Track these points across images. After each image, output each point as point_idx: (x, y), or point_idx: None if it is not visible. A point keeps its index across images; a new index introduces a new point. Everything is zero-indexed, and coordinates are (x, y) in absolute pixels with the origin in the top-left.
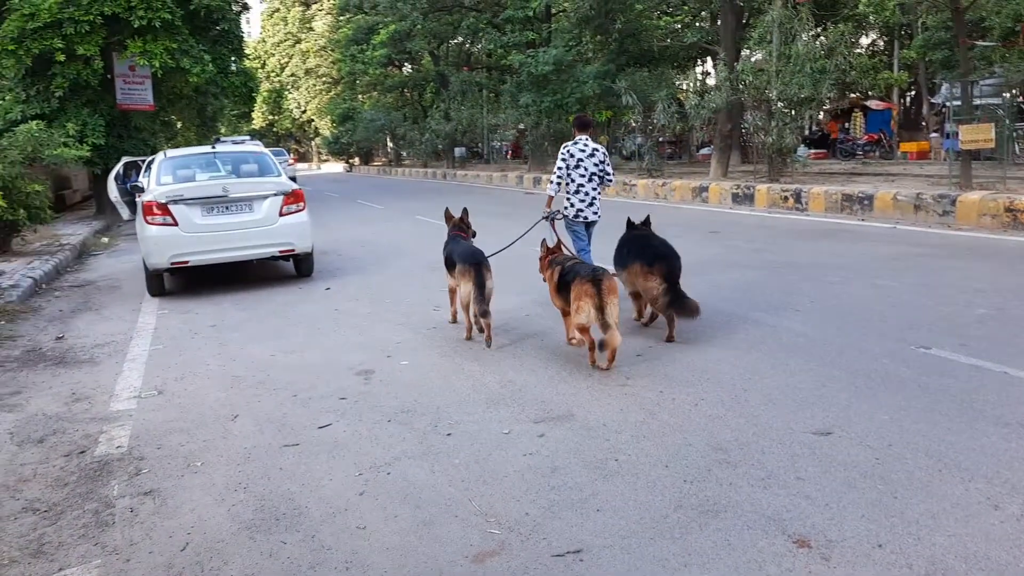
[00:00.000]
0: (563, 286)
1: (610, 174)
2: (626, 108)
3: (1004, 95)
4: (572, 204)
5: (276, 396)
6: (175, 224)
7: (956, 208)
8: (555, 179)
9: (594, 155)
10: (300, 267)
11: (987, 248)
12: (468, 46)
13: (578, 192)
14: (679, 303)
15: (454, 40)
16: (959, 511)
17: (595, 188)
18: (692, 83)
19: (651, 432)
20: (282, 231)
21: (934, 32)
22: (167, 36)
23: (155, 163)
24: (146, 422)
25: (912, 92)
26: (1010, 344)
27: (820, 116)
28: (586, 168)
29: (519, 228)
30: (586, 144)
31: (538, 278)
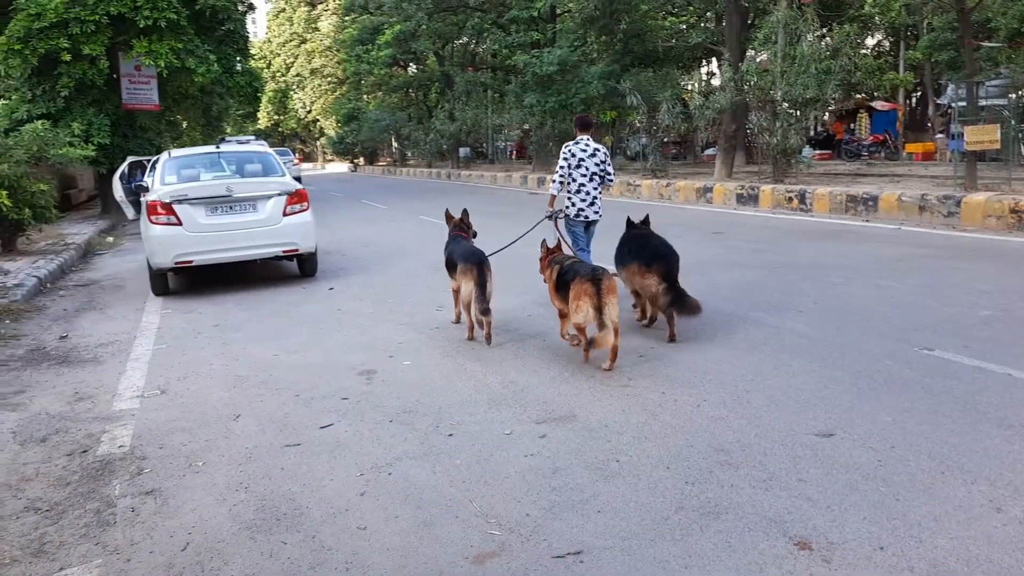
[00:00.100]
0: (562, 285)
1: (611, 174)
2: (630, 108)
3: (1010, 96)
4: (573, 204)
5: (278, 396)
6: (179, 224)
7: (961, 209)
8: (557, 178)
9: (595, 155)
10: (304, 267)
11: (992, 249)
12: (473, 46)
13: (579, 192)
14: (679, 302)
15: (459, 40)
16: (961, 513)
17: (596, 188)
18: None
19: (653, 433)
20: (286, 231)
21: (940, 33)
22: (172, 36)
23: (159, 163)
24: (148, 421)
25: (918, 93)
26: (1014, 346)
27: (825, 117)
28: (587, 168)
29: (521, 228)
30: (588, 144)
31: (539, 278)
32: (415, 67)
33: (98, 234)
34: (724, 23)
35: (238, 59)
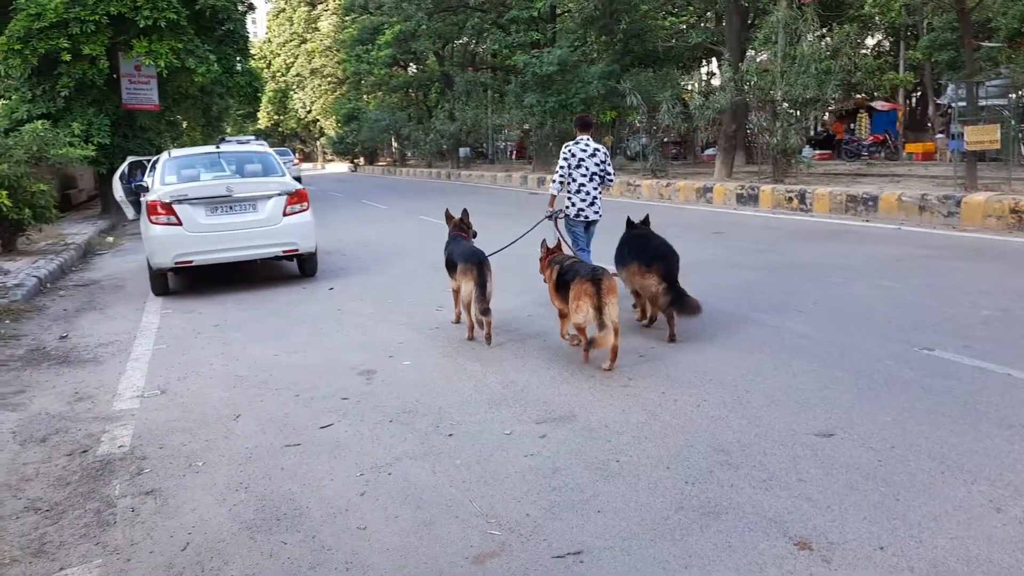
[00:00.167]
0: (562, 285)
1: (611, 174)
2: (631, 108)
3: (1010, 96)
4: (573, 203)
5: (278, 396)
6: (179, 224)
7: (961, 209)
8: (558, 178)
9: (595, 155)
10: (304, 267)
11: (992, 249)
12: (473, 46)
13: (579, 191)
14: (679, 302)
15: (459, 40)
16: (961, 513)
17: (596, 188)
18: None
19: (653, 433)
20: (286, 231)
21: (940, 33)
22: (172, 36)
23: (159, 163)
24: (148, 421)
25: (918, 93)
26: (1015, 346)
27: (825, 117)
28: (587, 168)
29: (521, 229)
30: (587, 144)
31: (540, 278)
32: (415, 67)
33: (98, 234)
34: (724, 23)
35: (238, 59)
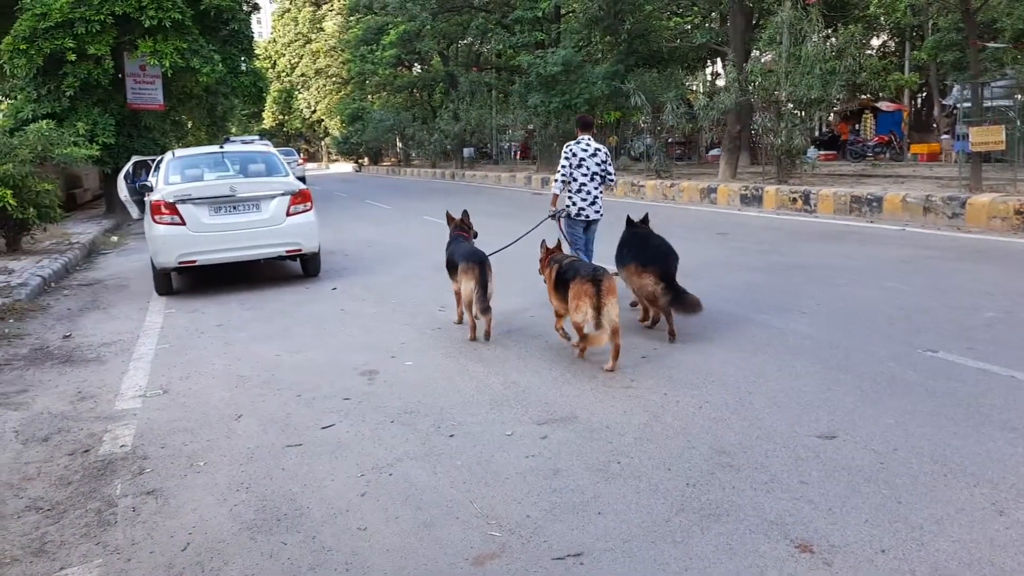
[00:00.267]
0: (561, 284)
1: (612, 174)
2: (635, 109)
3: (1015, 97)
4: (574, 203)
5: (280, 396)
6: (183, 223)
7: (966, 210)
8: (559, 178)
9: (596, 154)
10: (307, 267)
11: (996, 251)
12: (477, 47)
13: (580, 191)
14: (679, 300)
15: (463, 41)
16: (964, 516)
17: (597, 187)
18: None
19: (654, 435)
20: (289, 231)
21: (945, 33)
22: (177, 36)
23: (163, 162)
24: (150, 421)
25: (923, 94)
26: (1019, 348)
27: (830, 117)
28: (588, 167)
29: (523, 229)
30: (588, 144)
31: (542, 279)
32: (419, 67)
33: (103, 233)
34: (729, 23)
35: (243, 59)
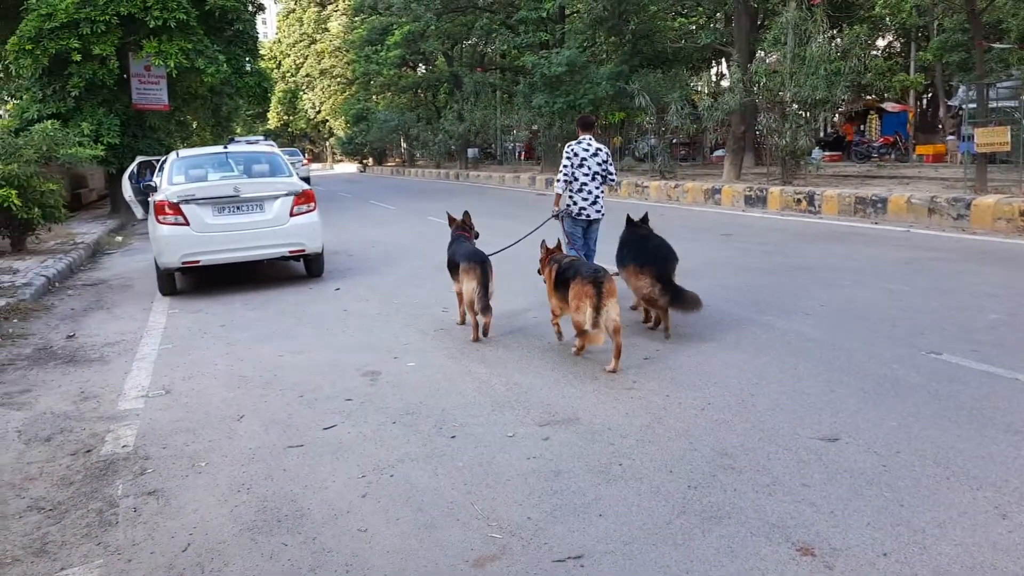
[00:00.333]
0: (561, 283)
1: (613, 174)
2: (639, 109)
3: (1021, 98)
4: (576, 202)
5: (283, 397)
6: (187, 224)
7: (971, 212)
8: (562, 178)
9: (597, 154)
10: (310, 267)
11: (1001, 252)
12: (482, 47)
13: (581, 191)
14: (678, 300)
15: (468, 41)
16: (966, 520)
17: (599, 187)
18: (706, 85)
19: (656, 436)
20: (293, 231)
21: (951, 34)
22: (182, 36)
23: (167, 163)
24: (153, 421)
25: (928, 94)
26: (1022, 350)
27: (835, 118)
28: (590, 167)
29: (525, 229)
30: (590, 144)
31: (542, 279)
32: (424, 68)
33: (107, 233)
34: (733, 24)
35: (247, 59)
